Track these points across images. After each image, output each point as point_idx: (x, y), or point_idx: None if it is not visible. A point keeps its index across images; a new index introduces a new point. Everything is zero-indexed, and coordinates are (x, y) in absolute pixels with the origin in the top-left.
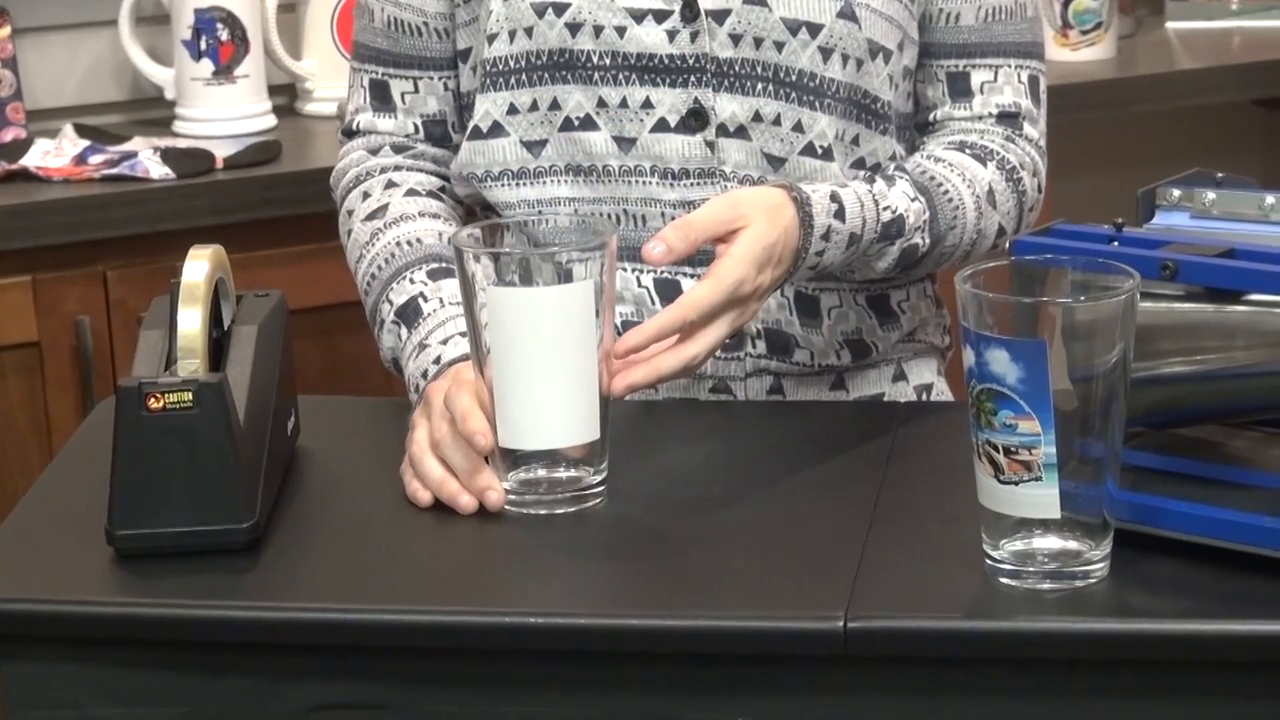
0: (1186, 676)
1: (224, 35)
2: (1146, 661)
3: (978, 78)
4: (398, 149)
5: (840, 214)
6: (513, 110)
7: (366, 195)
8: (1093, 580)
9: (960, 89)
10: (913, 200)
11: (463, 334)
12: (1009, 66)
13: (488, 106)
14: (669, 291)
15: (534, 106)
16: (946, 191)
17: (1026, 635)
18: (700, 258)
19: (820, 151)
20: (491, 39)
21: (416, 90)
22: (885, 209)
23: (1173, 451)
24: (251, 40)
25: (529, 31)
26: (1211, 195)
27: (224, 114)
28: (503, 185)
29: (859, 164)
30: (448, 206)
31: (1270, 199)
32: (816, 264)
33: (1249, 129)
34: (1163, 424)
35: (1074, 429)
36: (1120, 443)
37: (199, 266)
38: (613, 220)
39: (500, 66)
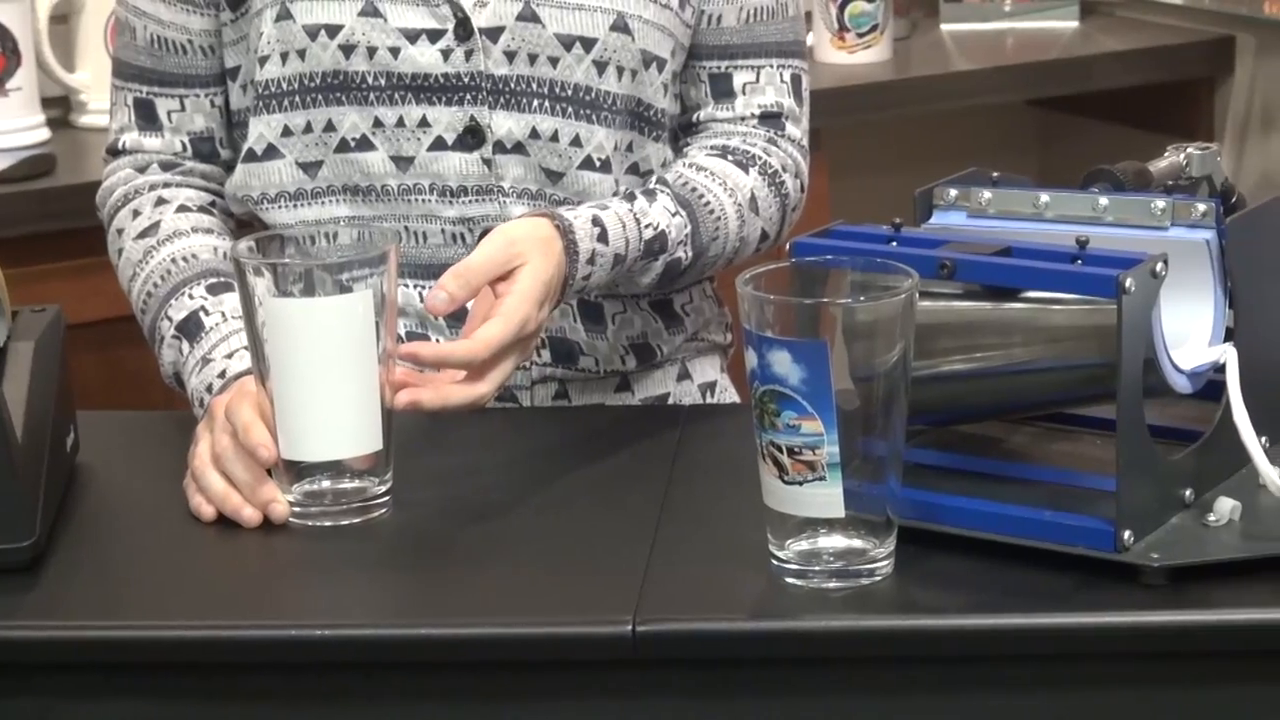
0: (971, 671)
1: None
2: (932, 657)
3: (740, 78)
4: (166, 166)
5: (604, 237)
6: (287, 132)
7: (137, 213)
8: (878, 578)
9: (723, 90)
10: (674, 215)
11: (247, 347)
12: (771, 67)
13: (261, 129)
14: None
15: (308, 128)
16: (708, 203)
17: (813, 634)
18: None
19: (598, 164)
20: (263, 61)
21: (183, 109)
22: (647, 226)
23: (954, 448)
24: (23, 52)
25: (301, 54)
26: (987, 194)
27: None
28: (280, 207)
29: (633, 170)
30: (220, 221)
31: (1045, 197)
32: (583, 287)
33: (1024, 129)
34: (944, 421)
35: (856, 428)
36: (902, 441)
37: None
38: (395, 233)
39: (273, 89)
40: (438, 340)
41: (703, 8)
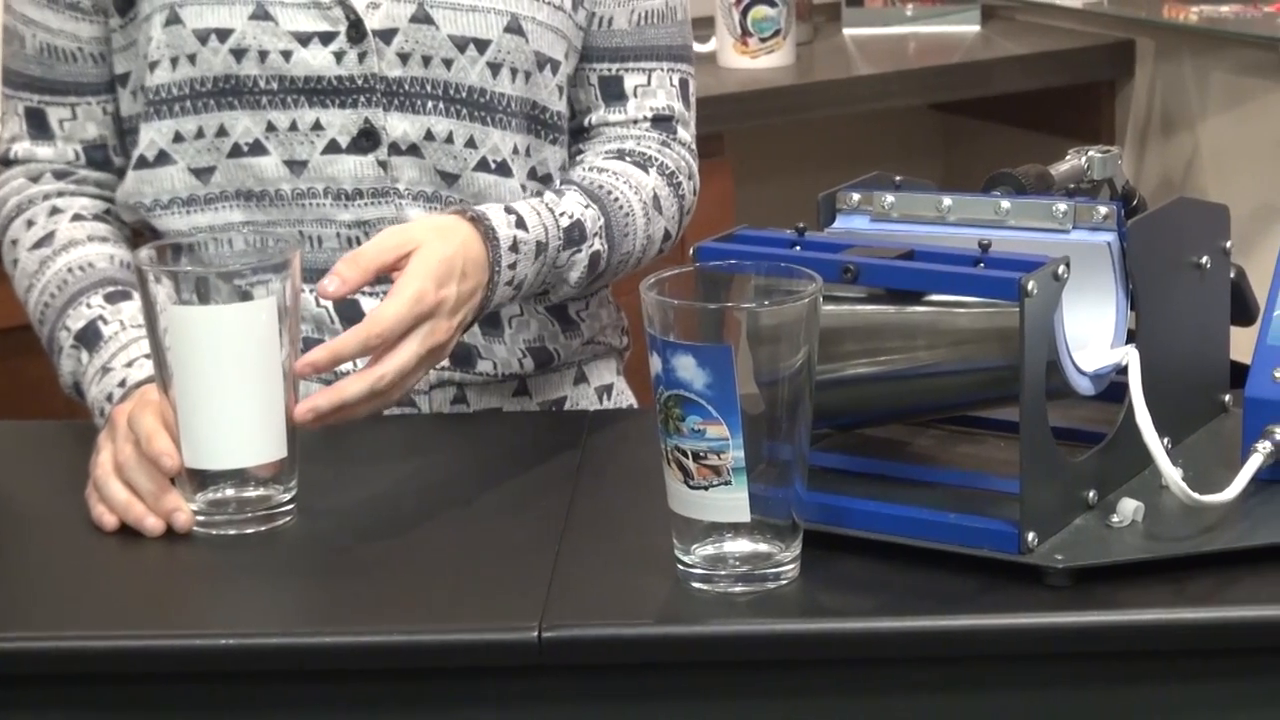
0: (877, 673)
1: None
2: (837, 660)
3: (631, 81)
4: (59, 175)
5: (521, 224)
6: (179, 138)
7: (31, 223)
8: (784, 582)
9: (614, 93)
10: (586, 207)
11: (147, 356)
12: (662, 70)
13: (152, 135)
14: (349, 311)
15: (200, 134)
16: (617, 199)
17: (719, 638)
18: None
19: (494, 166)
20: (153, 66)
21: (74, 117)
22: (562, 215)
23: (859, 452)
24: None
25: (192, 58)
26: (891, 198)
27: None
28: (172, 213)
29: (533, 174)
30: (115, 230)
31: (948, 201)
32: (512, 278)
33: (926, 133)
34: (848, 425)
35: (761, 432)
36: (807, 445)
37: None
38: (296, 239)
39: (163, 94)
40: None
41: (594, 10)
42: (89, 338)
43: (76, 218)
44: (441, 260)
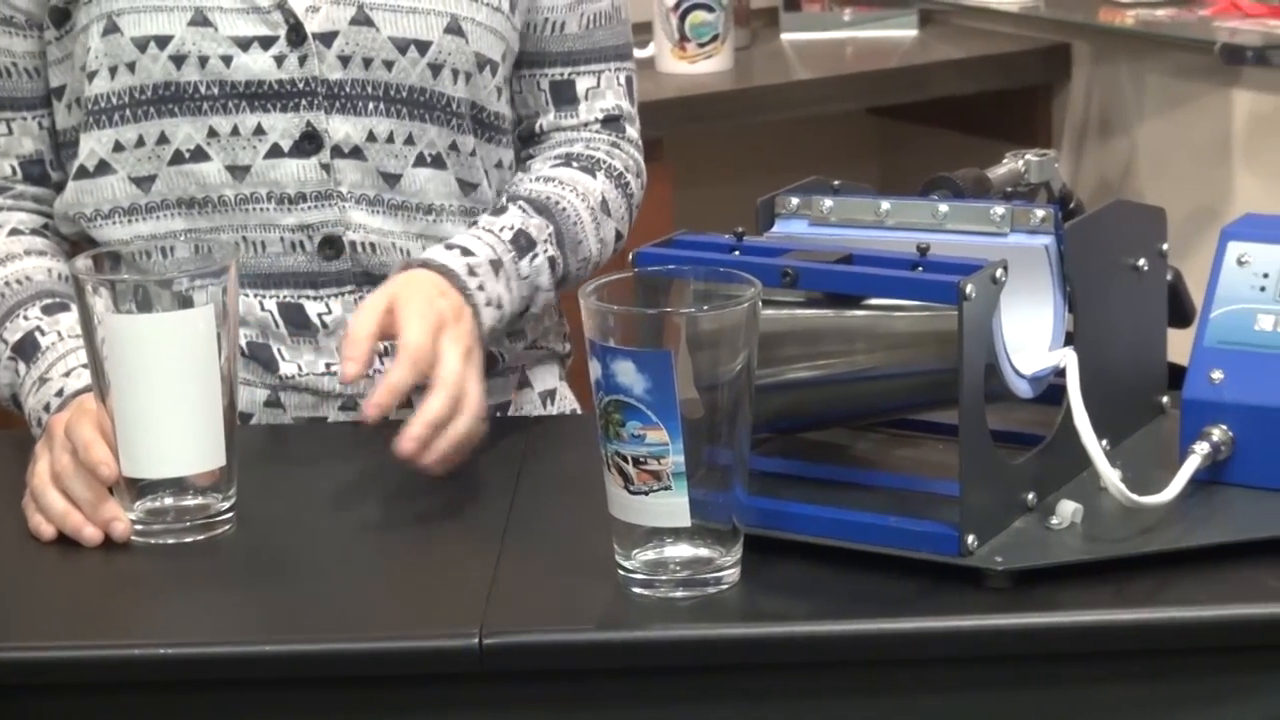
0: (819, 677)
1: None
2: (779, 664)
3: (583, 84)
4: None
5: (466, 252)
6: (119, 147)
7: None
8: (724, 586)
9: (566, 97)
10: (530, 217)
11: (85, 366)
12: (610, 70)
13: (92, 145)
14: (293, 315)
15: (140, 142)
16: (564, 209)
17: (661, 643)
18: (322, 279)
19: (430, 160)
20: (91, 76)
21: (10, 132)
22: (502, 229)
23: (799, 456)
24: None
25: (131, 67)
26: (829, 202)
27: None
28: (113, 223)
29: (473, 173)
30: (53, 244)
31: (886, 205)
32: (486, 298)
33: (864, 137)
34: (788, 429)
35: (701, 437)
36: (747, 449)
37: None
38: (234, 246)
39: (103, 104)
40: (279, 350)
41: (545, 15)
42: (26, 349)
43: (14, 232)
44: (417, 290)
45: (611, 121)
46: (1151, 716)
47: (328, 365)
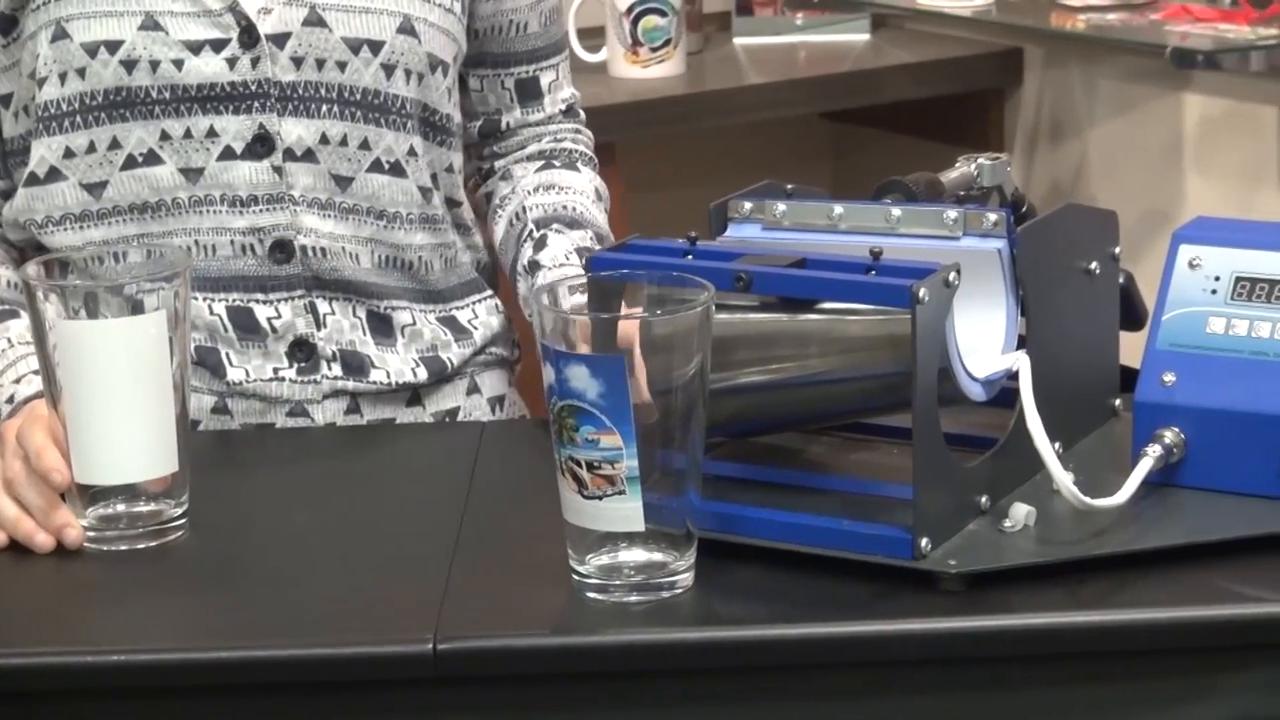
0: (773, 681)
1: None
2: (733, 668)
3: (545, 79)
4: None
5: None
6: (69, 154)
7: None
8: (679, 590)
9: (532, 93)
10: (569, 232)
11: (35, 372)
12: (563, 61)
13: (43, 152)
14: (242, 319)
15: (91, 148)
16: (584, 214)
17: (615, 648)
18: (272, 283)
19: (388, 167)
20: (41, 83)
21: None
22: (569, 254)
23: (753, 460)
24: None
25: (81, 72)
26: (782, 207)
27: None
28: (65, 229)
29: (430, 177)
30: (2, 252)
31: (839, 209)
32: None
33: (817, 141)
34: (742, 433)
35: (655, 441)
36: (701, 453)
37: None
38: (185, 251)
39: (53, 110)
40: (227, 355)
41: (510, 17)
42: None
43: None
44: None
45: (570, 110)
46: (1104, 718)
47: (275, 370)
